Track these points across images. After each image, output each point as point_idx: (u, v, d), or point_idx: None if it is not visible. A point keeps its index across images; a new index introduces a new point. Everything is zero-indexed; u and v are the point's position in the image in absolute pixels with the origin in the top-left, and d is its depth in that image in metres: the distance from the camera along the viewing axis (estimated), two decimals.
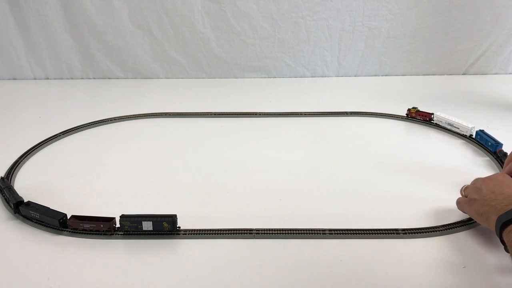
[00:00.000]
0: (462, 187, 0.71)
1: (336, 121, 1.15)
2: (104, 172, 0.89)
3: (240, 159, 0.94)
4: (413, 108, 1.12)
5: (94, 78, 1.53)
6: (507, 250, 0.57)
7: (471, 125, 0.99)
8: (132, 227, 0.67)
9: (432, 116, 1.08)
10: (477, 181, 0.68)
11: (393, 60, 1.51)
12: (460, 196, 0.71)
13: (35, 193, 0.79)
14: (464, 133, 1.00)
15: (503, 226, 0.56)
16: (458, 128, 1.02)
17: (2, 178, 0.83)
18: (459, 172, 0.75)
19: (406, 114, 1.13)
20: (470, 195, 0.67)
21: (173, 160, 0.94)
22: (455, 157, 0.94)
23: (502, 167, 0.79)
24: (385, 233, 0.67)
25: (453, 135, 1.03)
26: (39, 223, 0.71)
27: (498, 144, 0.90)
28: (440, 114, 1.06)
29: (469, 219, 0.69)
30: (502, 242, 0.57)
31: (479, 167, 0.88)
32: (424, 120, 1.10)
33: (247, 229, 0.68)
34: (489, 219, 0.60)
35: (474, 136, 0.99)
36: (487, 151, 0.93)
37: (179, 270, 0.61)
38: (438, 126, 1.07)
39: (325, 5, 1.41)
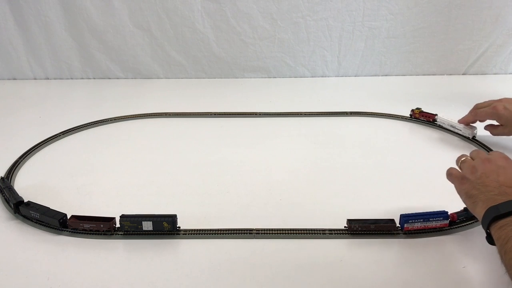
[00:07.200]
0: (461, 158, 0.67)
1: (336, 121, 1.15)
2: (104, 172, 0.89)
3: (240, 159, 0.94)
4: (417, 109, 1.12)
5: (94, 78, 1.53)
6: (489, 242, 0.56)
7: (474, 127, 0.99)
8: (132, 227, 0.67)
9: (436, 117, 1.09)
10: (477, 156, 0.64)
11: (393, 60, 1.51)
12: (456, 166, 0.67)
13: (35, 193, 0.79)
14: (467, 136, 1.00)
15: (493, 220, 0.54)
16: (460, 130, 1.02)
17: (2, 178, 0.83)
18: None
19: (410, 114, 1.14)
20: (464, 172, 0.63)
21: (173, 160, 0.94)
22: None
23: None
24: (385, 233, 0.67)
25: (456, 136, 1.03)
26: (39, 223, 0.70)
27: None
28: (443, 116, 1.06)
29: (469, 219, 0.69)
30: (487, 233, 0.56)
31: None
32: (427, 121, 1.10)
33: (247, 229, 0.68)
34: (476, 204, 0.58)
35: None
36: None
37: (179, 270, 0.61)
38: (441, 128, 1.07)
39: (325, 5, 1.41)
